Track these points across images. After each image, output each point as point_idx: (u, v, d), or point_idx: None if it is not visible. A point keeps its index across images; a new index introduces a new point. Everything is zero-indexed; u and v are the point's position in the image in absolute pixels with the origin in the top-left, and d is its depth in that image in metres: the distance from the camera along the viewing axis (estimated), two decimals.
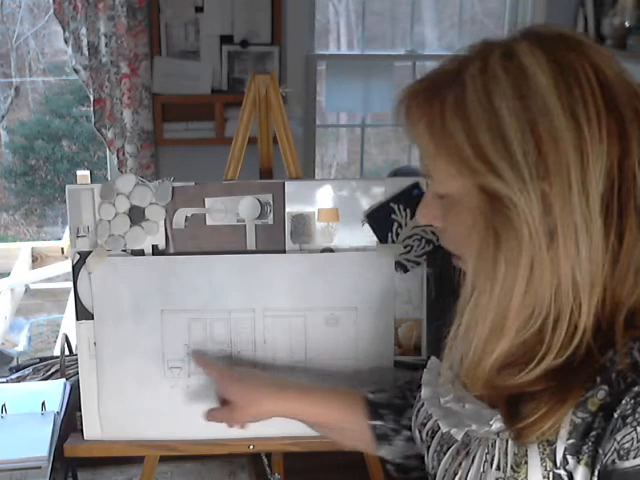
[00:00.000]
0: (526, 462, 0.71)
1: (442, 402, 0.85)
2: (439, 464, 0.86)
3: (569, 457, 0.69)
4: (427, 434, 0.90)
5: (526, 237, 0.67)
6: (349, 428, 1.04)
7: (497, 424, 0.75)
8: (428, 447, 0.89)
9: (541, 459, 0.70)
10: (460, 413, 0.82)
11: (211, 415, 1.11)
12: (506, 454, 0.74)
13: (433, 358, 0.96)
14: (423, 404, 0.92)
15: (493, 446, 0.76)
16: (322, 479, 1.50)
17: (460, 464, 0.81)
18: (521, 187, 0.66)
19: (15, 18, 8.75)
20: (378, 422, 1.02)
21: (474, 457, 0.79)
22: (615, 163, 0.67)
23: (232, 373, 1.12)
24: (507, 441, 0.74)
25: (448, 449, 0.85)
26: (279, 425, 1.09)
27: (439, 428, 0.86)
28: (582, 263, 0.67)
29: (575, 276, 0.68)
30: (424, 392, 0.92)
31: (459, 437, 0.81)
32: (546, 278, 0.68)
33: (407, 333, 1.20)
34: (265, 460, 1.28)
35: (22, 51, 8.94)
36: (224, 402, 1.10)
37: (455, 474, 0.81)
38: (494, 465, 0.75)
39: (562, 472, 0.69)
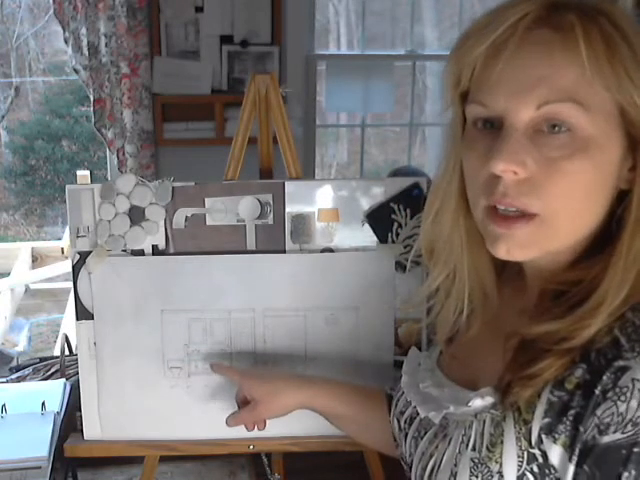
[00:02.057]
0: (502, 442, 0.71)
1: (421, 387, 0.86)
2: (416, 449, 0.86)
3: (544, 436, 0.68)
4: (405, 421, 0.90)
5: None
6: (368, 423, 1.04)
7: (476, 403, 0.75)
8: (406, 435, 0.89)
9: (516, 438, 0.70)
10: (439, 397, 0.82)
11: (233, 419, 1.09)
12: (482, 435, 0.74)
13: (413, 348, 0.98)
14: (402, 393, 0.92)
15: (470, 427, 0.76)
16: (322, 479, 1.50)
17: (437, 447, 0.81)
18: None
19: (15, 18, 8.76)
20: None
21: (450, 439, 0.79)
22: None
23: (253, 372, 1.14)
24: (484, 422, 0.75)
25: (425, 434, 0.85)
26: (279, 425, 1.08)
27: (417, 414, 0.86)
28: None
29: None
30: (404, 380, 0.93)
31: (437, 420, 0.81)
32: None
33: (407, 333, 1.20)
34: (265, 460, 1.27)
35: (22, 51, 8.95)
36: (243, 404, 1.09)
37: (431, 456, 0.81)
38: (470, 446, 0.75)
39: (537, 451, 0.69)
